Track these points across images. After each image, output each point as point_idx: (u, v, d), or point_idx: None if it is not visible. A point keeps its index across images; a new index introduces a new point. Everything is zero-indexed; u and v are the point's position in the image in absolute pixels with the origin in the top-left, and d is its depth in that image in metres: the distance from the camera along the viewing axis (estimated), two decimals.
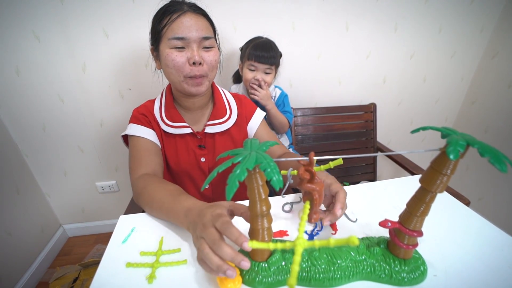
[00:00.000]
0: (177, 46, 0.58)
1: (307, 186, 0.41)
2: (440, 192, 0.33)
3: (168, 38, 0.58)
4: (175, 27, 0.57)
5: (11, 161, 1.11)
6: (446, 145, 0.29)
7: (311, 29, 1.14)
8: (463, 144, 0.27)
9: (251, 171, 0.32)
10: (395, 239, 0.37)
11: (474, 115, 1.44)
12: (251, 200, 0.35)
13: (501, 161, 0.25)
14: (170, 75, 0.62)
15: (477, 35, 1.30)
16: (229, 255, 0.34)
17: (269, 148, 0.34)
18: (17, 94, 1.04)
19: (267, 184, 0.35)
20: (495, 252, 0.44)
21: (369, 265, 0.39)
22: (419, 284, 0.39)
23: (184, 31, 0.57)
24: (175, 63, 0.58)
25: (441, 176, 0.31)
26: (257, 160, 0.30)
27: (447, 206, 0.57)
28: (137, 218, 0.55)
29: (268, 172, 0.29)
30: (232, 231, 0.35)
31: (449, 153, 0.26)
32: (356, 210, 0.55)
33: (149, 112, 0.68)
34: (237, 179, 0.29)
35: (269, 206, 0.36)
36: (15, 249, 1.10)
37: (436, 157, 0.32)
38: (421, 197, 0.34)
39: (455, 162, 0.30)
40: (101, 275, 0.42)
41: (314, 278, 0.38)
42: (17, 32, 0.95)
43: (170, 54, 0.58)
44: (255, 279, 0.38)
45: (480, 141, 0.28)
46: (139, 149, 0.65)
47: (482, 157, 0.26)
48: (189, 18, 0.57)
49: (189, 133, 0.68)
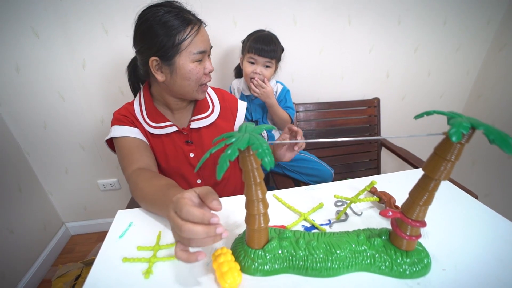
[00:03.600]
0: (199, 60, 0.59)
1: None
2: (444, 180, 0.31)
3: (192, 53, 0.58)
4: (198, 41, 0.58)
5: (13, 159, 1.11)
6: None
7: (313, 23, 1.12)
8: (467, 126, 0.25)
9: (246, 154, 0.31)
10: (397, 229, 0.36)
11: (480, 109, 1.40)
12: (246, 185, 0.34)
13: (507, 142, 0.23)
14: (186, 87, 0.61)
15: (483, 27, 1.27)
16: (196, 217, 0.32)
17: (263, 131, 0.33)
18: (18, 92, 1.04)
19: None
20: (506, 245, 0.43)
21: (369, 256, 0.37)
22: (426, 278, 0.37)
23: (204, 44, 0.59)
24: (198, 76, 0.60)
25: (445, 162, 0.29)
26: (250, 141, 0.29)
27: (456, 199, 0.55)
28: (135, 213, 0.54)
29: (259, 153, 0.28)
30: (192, 211, 0.33)
31: (451, 135, 0.25)
32: (360, 203, 0.54)
33: (130, 113, 0.67)
34: (228, 159, 0.28)
35: (264, 190, 0.35)
36: (18, 247, 1.10)
37: (440, 142, 0.30)
38: (424, 185, 0.32)
39: (459, 148, 0.29)
40: (97, 271, 0.41)
41: (311, 268, 0.37)
42: (16, 28, 0.94)
43: (194, 68, 0.59)
44: (251, 266, 0.37)
45: (486, 124, 0.26)
46: (128, 148, 0.63)
47: (488, 138, 0.24)
48: (203, 31, 0.60)
49: (175, 131, 0.68)
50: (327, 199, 0.55)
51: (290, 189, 0.59)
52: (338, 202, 0.53)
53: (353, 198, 0.49)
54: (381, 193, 0.52)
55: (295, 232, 0.42)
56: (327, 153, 1.26)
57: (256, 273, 0.38)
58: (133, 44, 0.62)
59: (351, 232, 0.41)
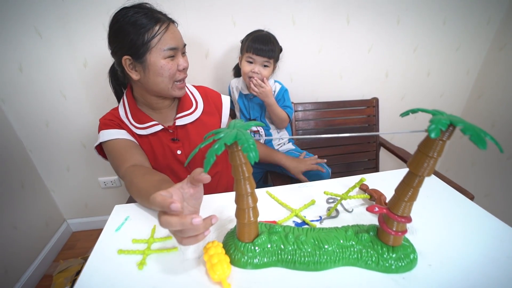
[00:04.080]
0: (170, 56, 0.61)
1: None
2: (427, 176, 0.32)
3: (162, 49, 0.59)
4: (168, 38, 0.59)
5: (16, 156, 1.14)
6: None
7: (311, 23, 1.13)
8: (446, 122, 0.26)
9: (234, 149, 0.32)
10: (384, 225, 0.37)
11: (481, 109, 1.40)
12: (236, 179, 0.36)
13: (481, 138, 0.24)
14: (160, 83, 0.63)
15: (483, 27, 1.26)
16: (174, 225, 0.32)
17: (252, 126, 0.34)
18: (21, 90, 1.06)
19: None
20: (495, 243, 0.43)
21: (357, 251, 0.38)
22: (411, 273, 0.38)
23: (176, 41, 0.61)
24: (171, 72, 0.61)
25: (428, 158, 0.30)
26: (237, 137, 0.30)
27: (447, 198, 0.56)
28: (131, 208, 0.55)
29: (245, 147, 0.29)
30: (171, 222, 0.32)
31: (430, 131, 0.26)
32: (352, 201, 0.54)
33: (115, 117, 0.69)
34: (215, 153, 0.29)
35: (253, 185, 0.37)
36: (20, 242, 1.12)
37: (423, 140, 0.31)
38: (408, 181, 0.33)
39: (441, 144, 0.29)
40: (93, 262, 0.43)
41: (299, 261, 0.38)
42: (19, 28, 0.96)
43: (166, 64, 0.60)
44: (241, 259, 0.39)
45: (465, 121, 0.27)
46: (117, 149, 0.65)
47: (464, 135, 0.25)
48: (174, 29, 0.62)
49: (160, 130, 0.69)
50: (319, 196, 0.56)
51: (283, 186, 0.60)
52: (329, 199, 0.54)
53: (343, 195, 0.49)
54: (372, 190, 0.52)
55: (285, 227, 0.43)
56: (326, 152, 1.27)
57: (245, 266, 0.39)
58: (108, 45, 0.65)
59: (340, 228, 0.42)
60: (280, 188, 0.60)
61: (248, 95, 1.01)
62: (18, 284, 1.08)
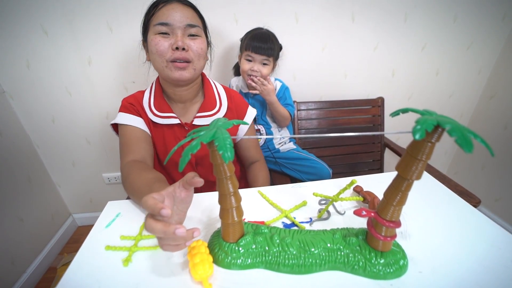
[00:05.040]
0: (161, 32, 0.58)
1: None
2: (416, 179, 0.30)
3: (153, 25, 0.59)
4: (160, 14, 0.58)
5: (24, 151, 1.17)
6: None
7: (315, 20, 1.10)
8: (431, 123, 0.25)
9: (214, 148, 0.32)
10: (372, 230, 0.35)
11: (493, 110, 1.34)
12: (218, 179, 0.35)
13: (468, 141, 0.22)
14: (154, 62, 0.61)
15: (498, 23, 1.21)
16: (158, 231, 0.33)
17: (232, 125, 0.33)
18: (28, 87, 1.09)
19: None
20: (492, 251, 0.41)
21: (344, 255, 0.37)
22: (400, 280, 0.36)
23: (169, 17, 0.58)
24: (158, 47, 0.58)
25: (416, 161, 0.29)
26: (214, 136, 0.30)
27: (446, 202, 0.53)
28: (124, 204, 0.56)
29: (220, 146, 0.28)
30: (154, 227, 0.33)
31: (414, 132, 0.24)
32: (345, 203, 0.53)
33: (137, 102, 0.69)
34: (190, 151, 0.29)
35: (235, 184, 0.36)
36: (27, 235, 1.15)
37: (411, 142, 0.30)
38: (397, 185, 0.32)
39: (430, 147, 0.28)
40: (81, 257, 0.43)
41: (283, 264, 0.37)
42: (27, 27, 0.99)
43: (154, 39, 0.58)
44: (225, 260, 0.38)
45: (454, 122, 0.25)
46: (128, 137, 0.66)
47: (450, 136, 0.23)
48: (174, 6, 0.59)
49: (177, 124, 0.68)
50: (312, 197, 0.54)
51: (276, 186, 0.59)
52: (322, 200, 0.52)
53: (334, 197, 0.48)
54: (366, 192, 0.51)
55: (271, 229, 0.42)
56: (329, 152, 1.25)
57: (229, 266, 0.38)
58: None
59: (328, 231, 0.41)
60: (273, 188, 0.59)
61: (248, 93, 1.00)
62: (25, 275, 1.12)
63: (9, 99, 1.11)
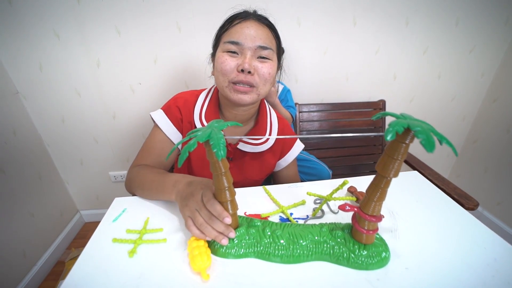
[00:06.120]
0: (230, 50, 0.54)
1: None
2: (394, 177, 0.33)
3: (224, 42, 0.55)
4: (233, 31, 0.54)
5: (35, 149, 1.22)
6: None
7: (317, 24, 1.13)
8: (402, 126, 0.27)
9: (210, 147, 0.34)
10: (356, 224, 0.38)
11: (496, 114, 1.34)
12: (214, 175, 0.39)
13: (430, 142, 0.25)
14: (216, 79, 0.58)
15: (501, 27, 1.21)
16: (221, 228, 0.41)
17: (227, 126, 0.36)
18: (41, 88, 1.14)
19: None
20: (477, 250, 0.43)
21: (329, 247, 0.40)
22: (387, 275, 0.39)
23: (241, 36, 0.53)
24: (223, 67, 0.54)
25: (393, 161, 0.31)
26: (210, 135, 0.33)
27: (437, 203, 0.55)
28: (130, 201, 0.59)
29: (213, 145, 0.31)
30: (216, 207, 0.40)
31: (386, 134, 0.27)
32: (339, 202, 0.55)
33: (187, 107, 0.65)
34: (188, 150, 0.32)
35: (230, 179, 0.39)
36: (37, 229, 1.20)
37: (388, 143, 0.32)
38: (377, 182, 0.34)
39: (404, 147, 0.30)
40: (90, 248, 0.46)
41: (273, 254, 0.40)
42: (40, 31, 1.04)
43: (221, 57, 0.55)
44: (220, 249, 0.42)
45: (425, 125, 0.27)
46: (153, 142, 0.65)
47: (417, 138, 0.26)
48: (249, 25, 0.54)
49: None
50: (309, 197, 0.57)
51: (281, 185, 0.62)
52: (317, 200, 0.55)
53: (327, 196, 0.50)
54: (359, 193, 0.53)
55: (264, 222, 0.45)
56: (330, 154, 1.27)
57: (224, 255, 0.42)
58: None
59: (316, 225, 0.44)
60: (277, 187, 0.62)
61: None
62: (35, 268, 1.17)
63: (22, 100, 1.16)
